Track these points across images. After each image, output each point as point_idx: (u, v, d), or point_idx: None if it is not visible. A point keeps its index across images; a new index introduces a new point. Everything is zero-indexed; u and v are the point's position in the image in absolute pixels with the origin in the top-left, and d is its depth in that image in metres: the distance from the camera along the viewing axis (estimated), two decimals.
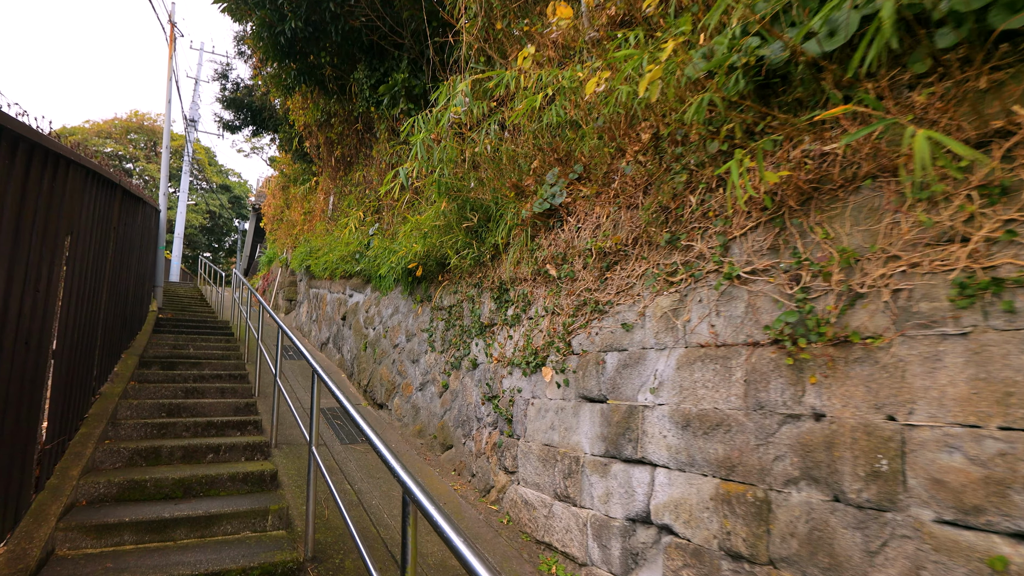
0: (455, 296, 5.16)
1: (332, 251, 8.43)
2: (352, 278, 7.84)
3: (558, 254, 3.76)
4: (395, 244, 6.04)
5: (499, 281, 4.44)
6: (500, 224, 4.49)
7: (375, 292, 6.99)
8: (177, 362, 6.69)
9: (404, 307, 6.15)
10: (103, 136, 36.46)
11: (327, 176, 10.33)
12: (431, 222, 5.05)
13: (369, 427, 2.27)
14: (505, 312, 4.36)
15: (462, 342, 4.97)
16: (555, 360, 3.67)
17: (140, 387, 5.60)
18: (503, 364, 4.28)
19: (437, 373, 5.32)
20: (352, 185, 9.05)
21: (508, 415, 4.08)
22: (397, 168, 4.62)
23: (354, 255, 7.59)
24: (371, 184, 7.98)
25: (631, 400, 2.99)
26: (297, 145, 10.78)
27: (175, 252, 23.83)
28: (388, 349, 6.24)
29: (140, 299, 7.84)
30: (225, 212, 39.43)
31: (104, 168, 4.58)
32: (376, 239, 6.78)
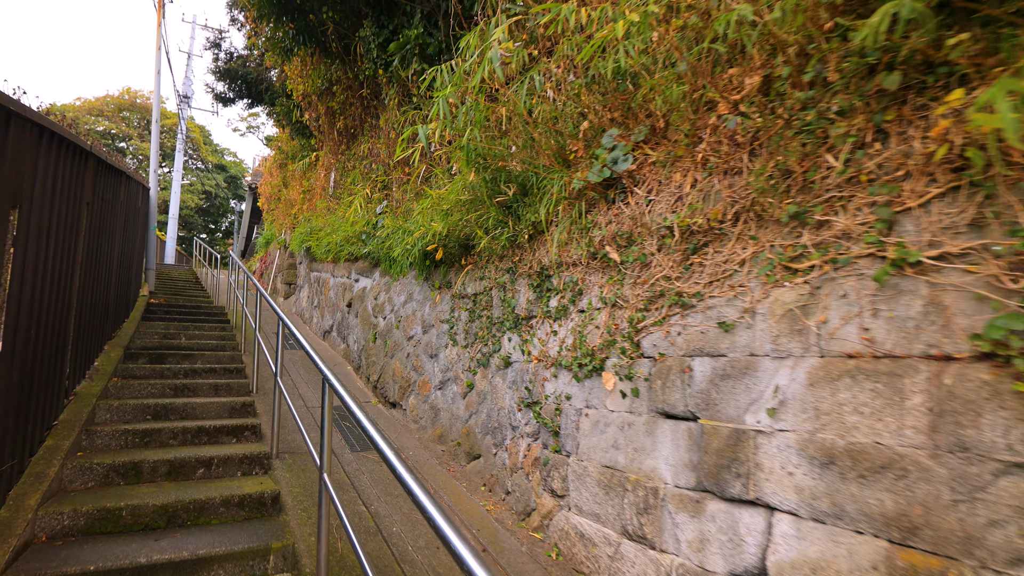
0: (482, 283, 4.47)
1: (335, 231, 7.72)
2: (358, 261, 7.14)
3: (621, 233, 3.06)
4: (409, 223, 5.34)
5: (539, 266, 3.75)
6: (540, 198, 3.79)
7: (385, 277, 6.30)
8: (167, 354, 6.02)
9: (419, 294, 5.47)
10: (95, 114, 35.39)
11: (328, 151, 9.56)
12: (455, 197, 4.34)
13: (395, 455, 1.62)
14: (547, 303, 3.68)
15: (491, 336, 4.30)
16: (618, 364, 3.00)
17: (123, 384, 4.94)
18: (545, 364, 3.61)
19: (460, 370, 4.65)
20: (356, 159, 8.30)
21: (554, 426, 3.42)
22: (415, 127, 3.90)
23: (360, 236, 6.89)
24: (378, 157, 7.24)
25: (735, 422, 2.33)
26: (296, 117, 10.00)
27: (170, 233, 23.05)
28: (401, 341, 5.57)
29: (127, 284, 7.15)
30: (221, 192, 38.53)
31: (70, 131, 3.85)
32: (387, 218, 6.07)
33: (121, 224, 6.40)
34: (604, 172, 3.14)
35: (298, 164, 11.80)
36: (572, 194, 3.44)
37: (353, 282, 7.17)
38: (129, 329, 6.68)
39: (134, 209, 7.49)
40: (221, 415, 4.77)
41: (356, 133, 8.27)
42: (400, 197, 6.39)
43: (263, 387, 5.80)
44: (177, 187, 24.31)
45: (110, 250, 5.62)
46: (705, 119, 2.73)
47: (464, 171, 4.11)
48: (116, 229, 5.97)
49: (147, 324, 7.37)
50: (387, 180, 6.86)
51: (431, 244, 4.69)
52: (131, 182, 7.01)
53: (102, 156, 4.90)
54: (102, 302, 5.36)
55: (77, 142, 4.04)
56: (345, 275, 7.49)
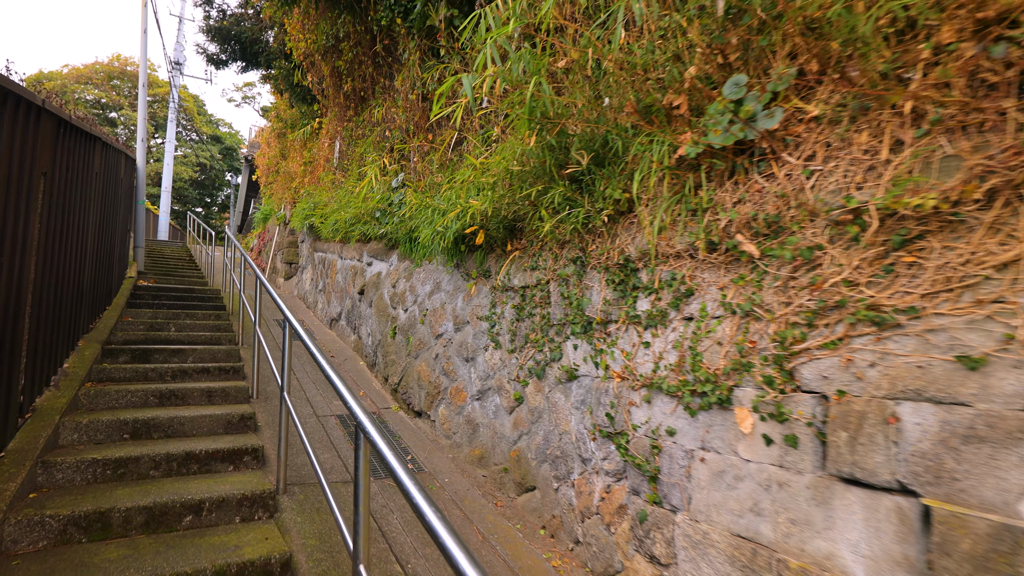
0: (534, 274, 3.63)
1: (344, 208, 6.83)
2: (370, 242, 6.28)
3: (761, 216, 2.21)
4: (438, 200, 4.46)
5: (622, 256, 2.90)
6: (623, 169, 2.92)
7: (404, 262, 5.45)
8: (153, 351, 5.20)
9: (449, 284, 4.63)
10: (83, 82, 33.98)
11: (333, 117, 8.60)
12: (502, 167, 3.47)
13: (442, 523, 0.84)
14: (633, 304, 2.84)
15: (547, 340, 3.47)
16: (760, 398, 2.18)
17: (97, 392, 4.12)
18: (632, 384, 2.80)
19: (505, 379, 3.84)
20: (366, 126, 7.36)
21: (650, 468, 2.62)
22: (458, 76, 3.01)
23: (374, 213, 6.01)
24: (393, 123, 6.32)
25: (1003, 513, 1.52)
26: (297, 80, 9.00)
27: (162, 208, 22.04)
28: (428, 339, 4.74)
29: (108, 266, 6.29)
30: (216, 164, 37.32)
31: (8, 78, 2.95)
32: (408, 194, 5.19)
33: (98, 198, 5.52)
34: (736, 132, 2.27)
35: (298, 133, 10.83)
36: (678, 163, 2.57)
37: (365, 266, 6.31)
38: (110, 319, 5.85)
39: (115, 181, 6.59)
40: (215, 430, 3.97)
41: (366, 96, 7.31)
42: (422, 169, 5.49)
43: (264, 390, 4.99)
44: (170, 158, 23.21)
45: (82, 229, 4.75)
46: (915, 52, 1.85)
47: (521, 134, 3.23)
48: (90, 204, 5.09)
49: (132, 312, 6.54)
50: (405, 149, 5.95)
51: (470, 226, 3.83)
52: (110, 150, 6.10)
53: (64, 117, 3.99)
54: (72, 290, 4.51)
55: (24, 95, 3.15)
56: (356, 257, 6.63)
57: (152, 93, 34.58)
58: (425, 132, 5.56)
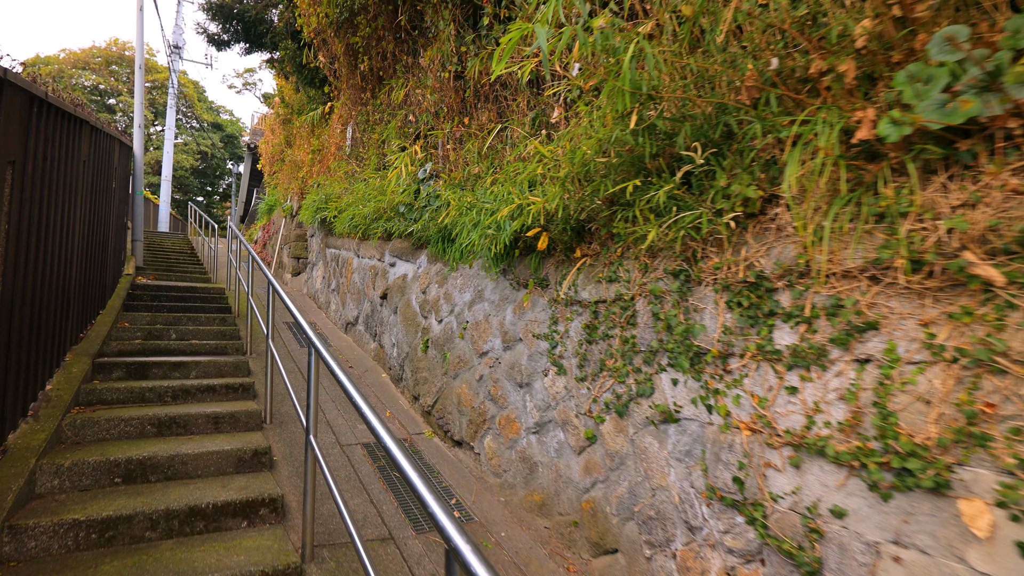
0: (611, 287, 2.97)
1: (362, 201, 6.16)
2: (393, 239, 5.61)
3: (1022, 229, 1.55)
4: (483, 195, 3.79)
5: (752, 272, 2.24)
6: (750, 159, 2.25)
7: (436, 264, 4.78)
8: (150, 365, 4.56)
9: (493, 293, 3.97)
10: (80, 67, 33.14)
11: (345, 101, 7.88)
12: (581, 157, 2.79)
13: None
14: (769, 334, 2.18)
15: (632, 370, 2.82)
16: (1009, 489, 1.52)
17: (85, 421, 3.48)
18: (770, 440, 2.14)
19: (572, 412, 3.19)
20: (385, 110, 6.66)
21: (808, 559, 1.97)
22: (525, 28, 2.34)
23: (398, 208, 5.34)
24: (419, 106, 5.62)
25: None
26: (306, 59, 8.27)
27: (163, 197, 21.32)
28: (470, 356, 4.09)
29: (100, 264, 5.64)
30: (218, 153, 36.55)
31: None
32: (441, 187, 4.53)
33: (87, 189, 4.85)
34: (974, 105, 1.59)
35: (306, 118, 10.11)
36: (857, 147, 1.90)
37: (387, 266, 5.64)
38: (104, 325, 5.20)
39: (107, 170, 5.92)
40: (224, 469, 3.33)
41: (385, 77, 6.60)
42: (455, 159, 4.81)
43: (279, 412, 4.36)
44: (170, 146, 22.49)
45: (67, 225, 4.09)
46: None
47: (602, 116, 2.55)
48: (77, 196, 4.43)
49: (129, 316, 5.89)
50: (437, 135, 5.26)
51: (531, 227, 3.16)
52: (100, 136, 5.42)
53: (38, 93, 3.31)
54: (56, 297, 3.87)
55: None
56: (376, 256, 5.96)
57: (151, 79, 33.75)
58: (459, 115, 4.87)
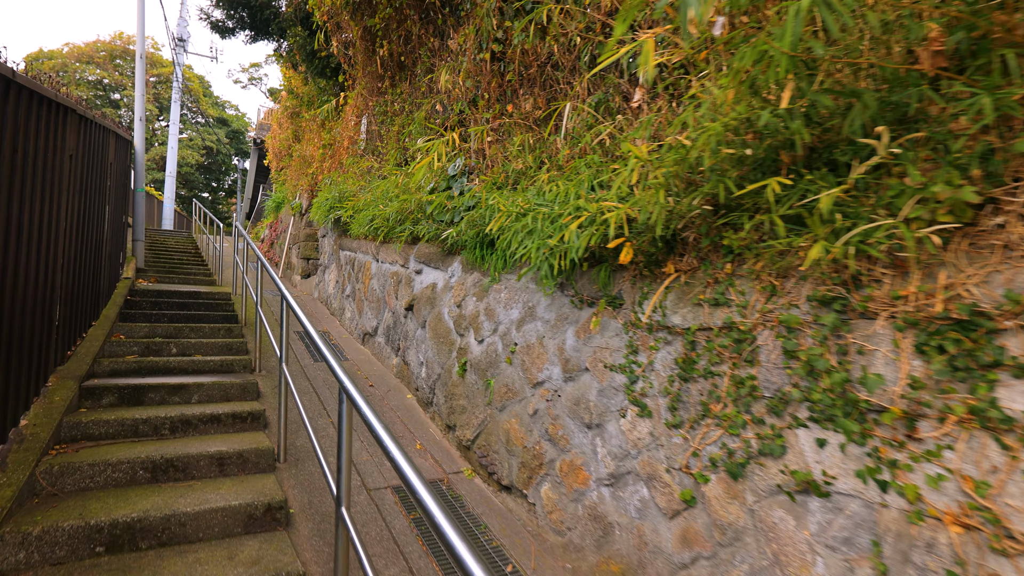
0: (716, 311, 2.35)
1: (385, 200, 5.55)
2: (419, 243, 5.00)
3: None
4: (542, 198, 3.17)
5: (962, 304, 1.62)
6: (957, 148, 1.63)
7: (473, 273, 4.16)
8: (147, 388, 3.97)
9: (548, 311, 3.35)
10: (84, 61, 32.64)
11: (361, 90, 7.26)
12: (707, 142, 2.15)
13: None
14: (988, 392, 1.56)
15: (752, 420, 2.20)
16: None
17: (64, 466, 2.89)
18: (995, 541, 1.52)
19: (661, 465, 2.58)
20: (407, 99, 6.04)
21: None
22: None
23: (425, 208, 4.73)
24: (449, 93, 5.00)
25: None
26: (318, 44, 7.64)
27: (167, 194, 20.80)
28: (520, 386, 3.47)
29: (94, 270, 5.06)
30: (223, 148, 36.04)
31: None
32: (478, 185, 3.92)
33: (75, 187, 4.26)
34: None
35: (319, 111, 9.50)
36: None
37: (413, 273, 5.03)
38: (96, 339, 4.62)
39: (100, 165, 5.32)
40: (231, 530, 2.74)
41: (407, 63, 5.97)
42: (494, 152, 4.19)
43: (294, 445, 3.76)
44: (174, 141, 21.97)
45: (49, 228, 3.50)
46: None
47: (735, 88, 1.92)
48: (62, 195, 3.84)
49: (126, 327, 5.31)
50: (471, 125, 4.63)
51: (614, 238, 2.54)
52: (91, 127, 4.83)
53: (4, 72, 2.71)
54: (37, 312, 3.29)
55: None
56: (399, 262, 5.35)
57: (155, 73, 33.23)
58: (499, 102, 4.24)
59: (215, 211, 38.38)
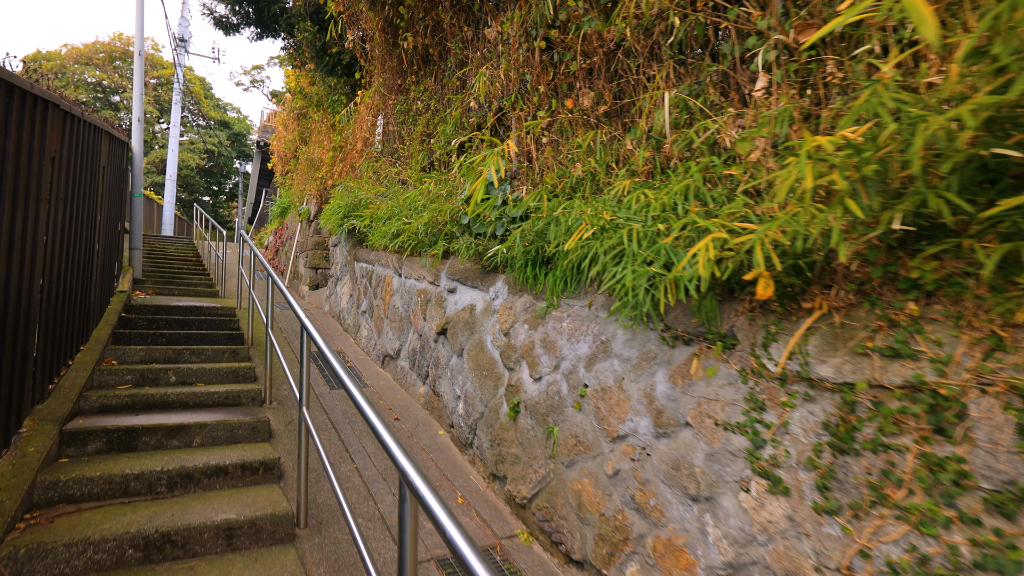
0: (892, 364, 1.76)
1: (409, 211, 4.96)
2: (452, 257, 4.40)
3: None
4: (629, 211, 2.58)
5: None
6: None
7: (523, 295, 3.56)
8: (140, 431, 3.37)
9: (628, 346, 2.75)
10: (83, 62, 32.12)
11: (379, 87, 6.67)
12: (935, 132, 1.56)
13: None
14: None
15: (955, 516, 1.61)
16: None
17: (32, 551, 2.29)
18: None
19: (806, 560, 1.97)
20: (431, 97, 5.45)
21: None
22: None
23: (458, 218, 4.14)
24: (489, 90, 4.41)
25: None
26: (332, 37, 7.06)
27: (167, 198, 20.22)
28: (595, 438, 2.86)
29: (83, 285, 4.46)
30: (225, 151, 35.49)
31: None
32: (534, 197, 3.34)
33: (60, 195, 3.67)
34: None
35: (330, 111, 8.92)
36: None
37: (445, 292, 4.43)
38: (84, 366, 4.03)
39: (92, 170, 4.73)
40: None
41: (436, 55, 5.39)
42: (548, 156, 3.60)
43: (314, 502, 3.15)
44: (175, 144, 21.41)
45: (26, 242, 2.90)
46: None
47: None
48: (42, 204, 3.24)
49: (118, 350, 4.71)
50: (533, 128, 4.05)
51: (753, 267, 1.94)
52: (79, 127, 4.24)
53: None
54: (11, 341, 2.69)
55: None
56: (427, 278, 4.75)
57: (156, 75, 32.72)
58: (556, 97, 3.65)
59: (216, 215, 37.81)
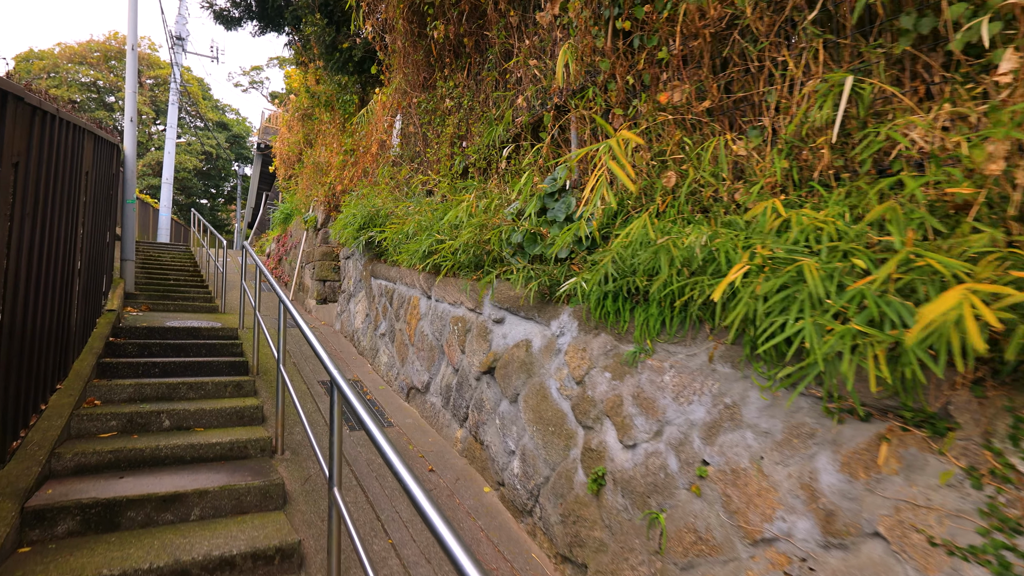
0: None
1: (441, 227, 4.28)
2: (501, 280, 3.71)
3: None
4: (792, 237, 1.90)
5: None
6: None
7: (600, 334, 2.87)
8: (124, 505, 2.67)
9: (767, 415, 2.06)
10: (76, 61, 31.38)
11: (400, 83, 6.00)
12: None
13: None
14: None
15: None
16: None
17: None
18: None
19: None
20: (464, 95, 4.78)
21: None
22: None
23: (510, 238, 3.46)
24: (536, 82, 3.74)
25: None
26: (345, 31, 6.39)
27: (163, 202, 19.47)
28: (724, 535, 2.17)
29: (61, 312, 3.77)
30: (223, 153, 34.75)
31: None
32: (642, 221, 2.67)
33: (27, 208, 2.98)
34: None
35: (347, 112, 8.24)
36: None
37: (490, 323, 3.74)
38: (59, 411, 3.33)
39: (71, 177, 4.03)
40: None
41: (471, 46, 4.71)
42: (639, 162, 2.92)
43: None
44: (172, 146, 20.71)
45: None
46: None
47: None
48: (11, 216, 2.56)
49: (103, 385, 4.01)
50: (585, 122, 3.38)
51: None
52: (56, 126, 3.54)
53: None
54: None
55: None
56: (465, 303, 4.06)
57: (152, 75, 32.02)
58: (648, 91, 2.97)
59: (214, 219, 37.04)
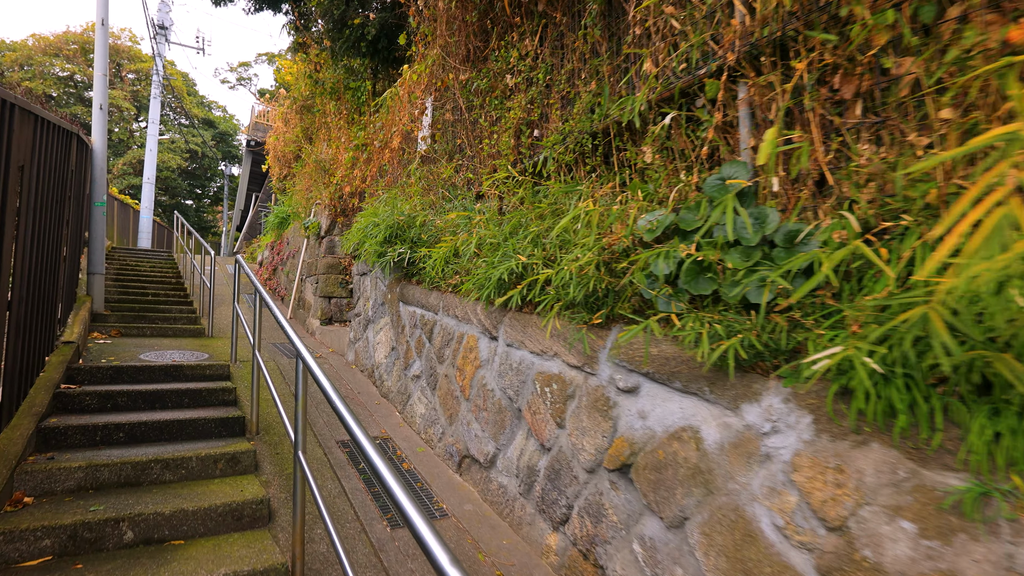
0: None
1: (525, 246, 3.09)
2: (614, 326, 2.51)
3: None
4: None
5: None
6: None
7: (868, 442, 1.69)
8: None
9: None
10: (51, 54, 29.66)
11: (439, 57, 4.78)
12: None
13: None
14: None
15: None
16: None
17: None
18: None
19: None
20: (542, 68, 3.58)
21: None
22: None
23: (653, 270, 2.27)
24: (685, 37, 2.55)
25: None
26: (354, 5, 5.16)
27: (144, 203, 18.02)
28: None
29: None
30: (209, 152, 33.18)
31: None
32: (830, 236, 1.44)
33: None
34: None
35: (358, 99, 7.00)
36: None
37: (612, 390, 2.54)
38: None
39: (29, 176, 2.78)
40: None
41: (547, 6, 3.52)
42: (861, 154, 1.73)
43: None
44: (154, 143, 19.25)
45: None
46: None
47: None
48: None
49: (39, 470, 2.74)
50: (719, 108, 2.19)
51: None
52: (13, 115, 2.29)
53: None
54: None
55: None
56: (568, 359, 2.86)
57: (133, 68, 30.42)
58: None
59: (199, 220, 35.44)
